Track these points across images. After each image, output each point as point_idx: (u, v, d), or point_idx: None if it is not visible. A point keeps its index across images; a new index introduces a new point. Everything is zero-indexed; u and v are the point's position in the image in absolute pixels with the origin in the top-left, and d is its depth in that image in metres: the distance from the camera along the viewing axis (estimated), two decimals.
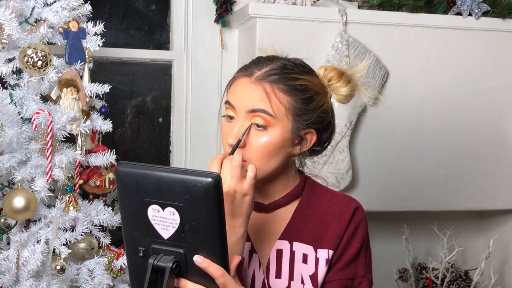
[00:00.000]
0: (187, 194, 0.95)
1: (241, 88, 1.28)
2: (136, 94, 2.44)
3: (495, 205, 2.49)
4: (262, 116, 1.24)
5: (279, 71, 1.29)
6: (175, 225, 0.97)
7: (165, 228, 0.98)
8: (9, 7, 1.76)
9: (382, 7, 2.36)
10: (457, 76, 2.40)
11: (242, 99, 1.27)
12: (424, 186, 2.38)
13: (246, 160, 1.24)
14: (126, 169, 0.98)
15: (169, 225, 0.97)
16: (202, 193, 0.95)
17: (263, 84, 1.26)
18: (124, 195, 0.99)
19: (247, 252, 1.31)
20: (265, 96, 1.25)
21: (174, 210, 0.97)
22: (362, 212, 1.35)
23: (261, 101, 1.25)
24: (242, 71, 1.31)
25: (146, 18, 2.48)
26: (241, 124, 1.26)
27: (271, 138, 1.25)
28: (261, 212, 1.34)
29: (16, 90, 1.83)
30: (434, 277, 2.40)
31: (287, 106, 1.26)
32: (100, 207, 1.93)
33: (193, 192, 0.95)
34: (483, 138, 2.43)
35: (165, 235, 0.98)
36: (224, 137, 1.29)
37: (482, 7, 2.38)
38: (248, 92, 1.26)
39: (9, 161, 1.73)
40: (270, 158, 1.26)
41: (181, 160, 2.41)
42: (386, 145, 2.34)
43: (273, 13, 2.20)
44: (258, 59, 1.34)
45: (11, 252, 1.77)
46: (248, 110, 1.25)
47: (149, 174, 0.97)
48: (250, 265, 1.30)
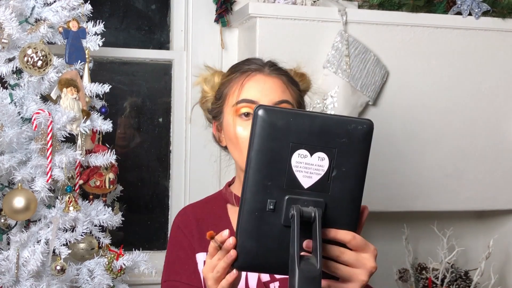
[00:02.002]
0: (344, 138, 0.91)
1: (261, 83, 1.31)
2: (136, 94, 2.44)
3: (495, 205, 2.49)
4: (287, 106, 1.30)
5: (277, 66, 1.38)
6: (321, 172, 0.91)
7: (308, 176, 0.91)
8: (9, 7, 1.76)
9: (382, 6, 2.36)
10: (457, 76, 2.40)
11: (265, 93, 1.30)
12: (424, 186, 2.38)
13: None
14: (275, 111, 0.91)
15: (314, 172, 0.91)
16: (362, 136, 0.92)
17: (278, 76, 1.33)
18: (267, 139, 0.90)
19: None
20: (285, 86, 1.33)
21: (324, 155, 0.91)
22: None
23: (283, 92, 1.31)
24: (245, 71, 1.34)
25: (146, 18, 2.48)
26: None
27: None
28: None
29: (16, 90, 1.83)
30: (434, 277, 2.40)
31: (297, 97, 1.36)
32: (100, 207, 1.93)
33: (352, 135, 0.91)
34: (483, 138, 2.43)
35: (306, 183, 0.91)
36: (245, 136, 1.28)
37: (482, 6, 2.38)
38: (270, 85, 1.31)
39: (9, 161, 1.73)
40: None
41: (181, 160, 2.41)
42: (386, 145, 2.34)
43: (273, 13, 2.20)
44: (247, 61, 1.41)
45: (11, 252, 1.77)
46: (275, 102, 1.29)
47: (303, 115, 0.91)
48: None
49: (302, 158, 0.91)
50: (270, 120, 0.90)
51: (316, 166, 0.91)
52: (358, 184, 0.93)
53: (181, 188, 2.41)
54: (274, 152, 0.90)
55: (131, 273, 2.02)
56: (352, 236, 0.93)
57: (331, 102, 2.21)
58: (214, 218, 1.39)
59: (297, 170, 0.91)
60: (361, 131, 0.91)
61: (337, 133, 0.91)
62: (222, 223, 1.38)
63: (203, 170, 2.38)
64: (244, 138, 1.29)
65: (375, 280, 1.53)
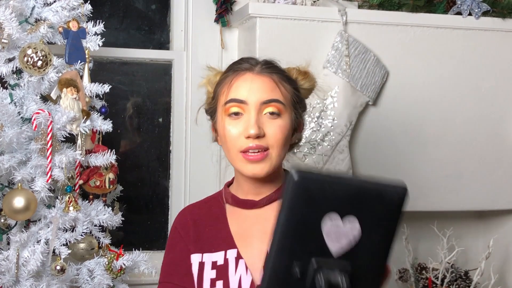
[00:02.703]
0: (379, 204, 0.90)
1: (249, 81, 1.31)
2: (136, 94, 2.44)
3: (495, 205, 2.49)
4: (275, 105, 1.29)
5: (271, 64, 1.37)
6: (351, 237, 0.90)
7: (338, 241, 0.90)
8: (9, 7, 1.76)
9: (382, 6, 2.36)
10: (457, 76, 2.40)
11: (253, 92, 1.29)
12: (424, 186, 2.38)
13: (269, 147, 1.28)
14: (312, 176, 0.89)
15: (344, 237, 0.90)
16: (395, 204, 0.90)
17: (268, 75, 1.32)
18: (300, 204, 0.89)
19: (233, 259, 1.32)
20: (275, 85, 1.31)
21: (355, 220, 0.90)
22: None
23: (272, 91, 1.31)
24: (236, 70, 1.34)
25: (146, 18, 2.48)
26: (254, 115, 1.28)
27: (285, 123, 1.31)
28: (252, 210, 1.36)
29: (16, 90, 1.83)
30: (434, 277, 2.40)
31: (290, 94, 1.34)
32: (100, 207, 1.93)
33: (386, 202, 0.90)
34: (483, 138, 2.43)
35: (335, 247, 0.90)
36: (233, 135, 1.29)
37: (482, 6, 2.38)
38: (258, 84, 1.30)
39: (9, 161, 1.73)
40: (285, 144, 1.32)
41: (181, 160, 2.41)
42: (386, 145, 2.34)
43: (273, 12, 2.20)
44: (241, 59, 1.40)
45: (11, 252, 1.77)
46: (263, 102, 1.29)
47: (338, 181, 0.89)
48: (236, 271, 1.30)
49: (334, 223, 0.90)
50: (306, 186, 0.89)
51: (346, 232, 0.90)
52: (386, 250, 0.92)
53: (181, 188, 2.41)
54: (306, 217, 0.90)
55: (131, 273, 2.02)
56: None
57: (331, 102, 2.21)
58: (212, 219, 1.39)
59: (327, 235, 0.90)
60: (396, 199, 0.90)
61: (372, 200, 0.90)
62: (219, 223, 1.38)
63: (203, 170, 2.38)
64: (231, 137, 1.29)
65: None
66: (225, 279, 1.30)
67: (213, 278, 1.31)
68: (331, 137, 2.21)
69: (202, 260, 1.34)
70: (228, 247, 1.33)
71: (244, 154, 1.28)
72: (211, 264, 1.33)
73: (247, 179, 1.35)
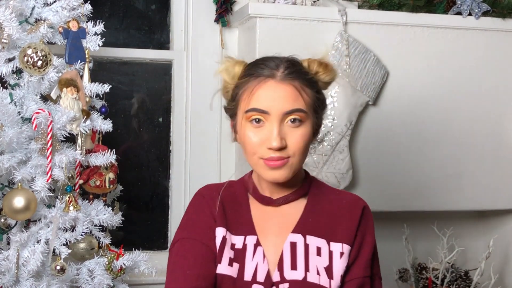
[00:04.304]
0: None
1: (271, 91, 1.29)
2: (136, 94, 2.44)
3: (496, 205, 2.49)
4: (298, 114, 1.28)
5: (294, 67, 1.33)
6: None
7: None
8: (9, 7, 1.76)
9: (382, 7, 2.36)
10: (457, 76, 2.40)
11: (276, 102, 1.28)
12: (424, 186, 2.38)
13: (290, 156, 1.28)
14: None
15: None
16: None
17: (290, 82, 1.30)
18: None
19: (252, 245, 1.32)
20: (297, 94, 1.29)
21: None
22: (370, 211, 1.41)
23: (295, 100, 1.29)
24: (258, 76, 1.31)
25: (146, 18, 2.48)
26: (276, 126, 1.27)
27: (307, 130, 1.30)
28: (268, 206, 1.37)
29: (16, 90, 1.83)
30: (434, 277, 2.40)
31: (312, 99, 1.32)
32: (100, 207, 1.93)
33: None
34: (483, 138, 2.43)
35: None
36: (254, 143, 1.28)
37: (482, 6, 2.38)
38: (281, 94, 1.28)
39: (9, 161, 1.73)
40: (306, 150, 1.32)
41: (181, 160, 2.41)
42: (386, 145, 2.34)
43: (273, 13, 2.20)
44: (262, 61, 1.35)
45: (11, 252, 1.77)
46: (285, 112, 1.28)
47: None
48: (254, 258, 1.31)
49: None
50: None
51: None
52: None
53: (181, 188, 2.41)
54: None
55: (131, 273, 2.02)
56: None
57: (331, 102, 2.21)
58: (235, 202, 1.39)
59: None
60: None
61: None
62: (241, 208, 1.38)
63: (203, 170, 2.38)
64: (253, 145, 1.29)
65: None
66: (242, 262, 1.30)
67: (231, 258, 1.31)
68: (331, 137, 2.21)
69: (225, 235, 1.33)
70: (248, 233, 1.33)
71: (265, 160, 1.28)
72: (231, 244, 1.33)
73: (261, 178, 1.35)
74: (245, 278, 1.29)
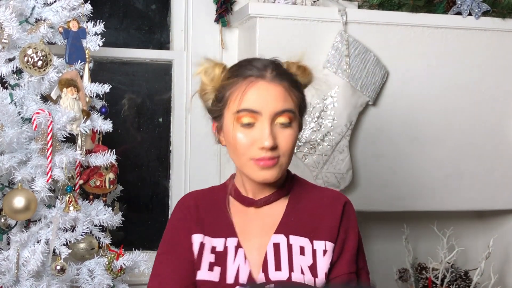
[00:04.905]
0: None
1: (263, 91, 1.29)
2: (136, 94, 2.44)
3: (495, 205, 2.49)
4: (288, 115, 1.30)
5: (281, 69, 1.35)
6: None
7: None
8: (9, 7, 1.76)
9: (382, 7, 2.36)
10: (457, 76, 2.40)
11: (267, 103, 1.28)
12: (424, 186, 2.38)
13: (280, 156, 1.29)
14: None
15: None
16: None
17: (280, 83, 1.31)
18: None
19: (233, 247, 1.33)
20: (287, 94, 1.31)
21: None
22: (352, 206, 1.40)
23: (285, 101, 1.30)
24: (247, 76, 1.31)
25: (146, 18, 2.48)
26: (268, 126, 1.28)
27: (294, 132, 1.32)
28: (250, 207, 1.38)
29: (16, 90, 1.83)
30: (434, 277, 2.40)
31: (298, 101, 1.34)
32: (100, 207, 1.93)
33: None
34: (483, 138, 2.43)
35: None
36: (245, 144, 1.29)
37: (482, 6, 2.38)
38: (272, 94, 1.29)
39: (9, 161, 1.73)
40: (292, 151, 1.33)
41: (181, 160, 2.41)
42: (386, 145, 2.34)
43: (273, 13, 2.20)
44: (249, 61, 1.37)
45: (11, 252, 1.77)
46: (276, 112, 1.29)
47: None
48: (235, 260, 1.32)
49: None
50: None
51: None
52: None
53: (181, 188, 2.41)
54: None
55: (131, 273, 2.02)
56: None
57: (331, 102, 2.21)
58: (214, 207, 1.40)
59: None
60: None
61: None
62: (221, 212, 1.38)
63: (203, 170, 2.38)
64: (243, 146, 1.29)
65: (375, 280, 1.54)
66: (223, 266, 1.31)
67: (211, 262, 1.32)
68: (331, 137, 2.21)
69: (203, 241, 1.34)
70: (228, 235, 1.34)
71: (256, 161, 1.28)
72: (211, 248, 1.34)
73: (250, 180, 1.35)
74: (227, 281, 1.30)
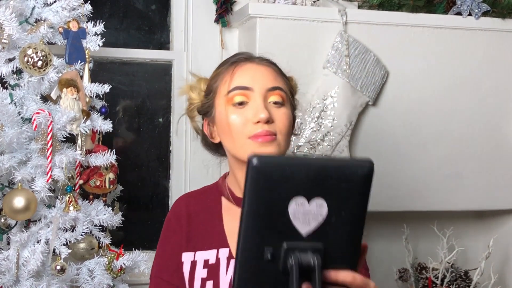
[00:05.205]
0: (343, 182, 0.89)
1: (253, 69, 1.31)
2: (136, 94, 2.44)
3: (495, 205, 2.49)
4: (280, 93, 1.29)
5: (268, 59, 1.38)
6: (320, 218, 0.89)
7: (307, 223, 0.89)
8: (9, 7, 1.76)
9: (382, 7, 2.36)
10: (457, 76, 2.40)
11: (258, 79, 1.29)
12: (424, 186, 2.38)
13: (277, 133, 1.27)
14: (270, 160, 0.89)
15: (313, 218, 0.89)
16: (361, 180, 0.90)
17: (268, 65, 1.34)
18: (262, 189, 0.88)
19: (225, 258, 1.31)
20: (276, 74, 1.33)
21: (323, 201, 0.89)
22: None
23: (275, 79, 1.31)
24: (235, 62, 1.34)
25: (146, 18, 2.48)
26: (261, 100, 1.27)
27: (288, 112, 1.31)
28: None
29: (16, 90, 1.83)
30: (434, 277, 2.40)
31: (287, 86, 1.35)
32: (100, 207, 1.94)
33: (351, 179, 0.89)
34: (483, 138, 2.43)
35: (305, 230, 0.89)
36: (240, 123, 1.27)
37: (482, 7, 2.38)
38: (262, 71, 1.31)
39: (9, 161, 1.73)
40: (289, 134, 1.32)
41: (181, 160, 2.41)
42: (386, 145, 2.34)
43: (273, 13, 2.20)
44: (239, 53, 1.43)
45: (11, 252, 1.77)
46: (268, 88, 1.29)
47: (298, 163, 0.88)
48: (228, 272, 1.30)
49: (300, 206, 0.89)
50: (265, 170, 0.88)
51: (314, 213, 0.89)
52: (358, 226, 0.91)
53: (181, 188, 2.41)
54: (270, 201, 0.89)
55: (131, 273, 2.02)
56: (352, 277, 0.91)
57: (331, 102, 2.21)
58: (207, 213, 1.38)
59: (295, 218, 0.89)
60: (361, 175, 0.89)
61: (335, 178, 0.89)
62: (213, 219, 1.37)
63: (203, 170, 2.36)
64: (238, 125, 1.27)
65: (375, 280, 1.53)
66: (216, 279, 1.30)
67: (203, 278, 1.31)
68: (331, 137, 2.21)
69: (194, 259, 1.33)
70: (220, 246, 1.33)
71: (253, 138, 1.26)
72: (203, 262, 1.32)
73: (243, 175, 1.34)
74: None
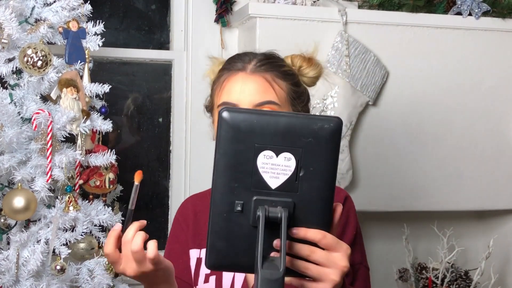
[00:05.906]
0: (311, 137, 0.90)
1: (241, 84, 1.28)
2: (136, 94, 2.44)
3: (495, 205, 2.49)
4: (269, 107, 1.26)
5: (267, 60, 1.32)
6: (288, 172, 0.91)
7: (275, 177, 0.91)
8: (9, 7, 1.76)
9: (382, 7, 2.36)
10: (457, 76, 2.40)
11: (245, 94, 1.26)
12: (424, 186, 2.38)
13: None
14: (239, 113, 0.91)
15: (281, 172, 0.91)
16: (329, 135, 0.90)
17: (261, 74, 1.28)
18: (231, 141, 0.90)
19: None
20: (268, 85, 1.28)
21: (291, 155, 0.90)
22: (352, 200, 1.38)
23: (265, 92, 1.27)
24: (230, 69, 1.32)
25: (146, 18, 2.48)
26: None
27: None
28: None
29: (16, 90, 1.83)
30: (434, 277, 2.40)
31: (286, 92, 1.30)
32: (100, 207, 1.93)
33: (319, 134, 0.90)
34: (483, 138, 2.43)
35: (274, 184, 0.91)
36: None
37: (482, 7, 2.38)
38: (250, 86, 1.27)
39: (9, 161, 1.73)
40: None
41: (181, 160, 2.41)
42: (386, 145, 2.34)
43: (273, 13, 2.20)
44: (238, 56, 1.37)
45: (11, 252, 1.77)
46: (255, 104, 1.26)
47: (266, 117, 0.91)
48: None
49: (268, 159, 0.90)
50: (234, 122, 0.90)
51: (283, 167, 0.91)
52: (328, 183, 0.92)
53: (181, 188, 2.41)
54: (239, 154, 0.91)
55: None
56: (322, 235, 0.91)
57: (331, 102, 2.21)
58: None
59: (263, 171, 0.91)
60: (328, 130, 0.90)
61: (303, 133, 0.90)
62: None
63: (203, 170, 2.38)
64: None
65: (375, 280, 1.53)
66: (219, 274, 1.31)
67: (207, 274, 1.32)
68: None
69: (200, 255, 1.34)
70: None
71: None
72: None
73: None
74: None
